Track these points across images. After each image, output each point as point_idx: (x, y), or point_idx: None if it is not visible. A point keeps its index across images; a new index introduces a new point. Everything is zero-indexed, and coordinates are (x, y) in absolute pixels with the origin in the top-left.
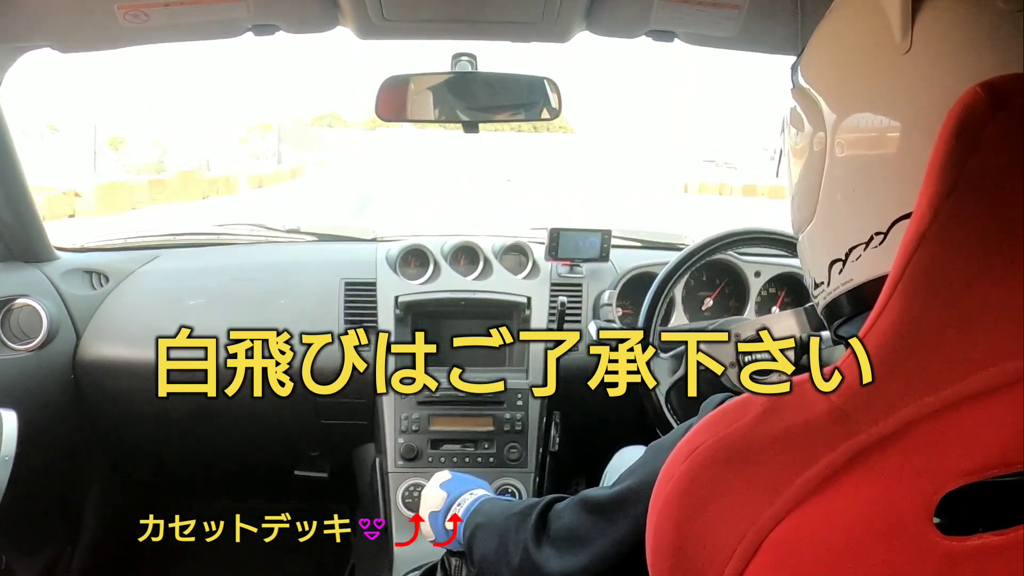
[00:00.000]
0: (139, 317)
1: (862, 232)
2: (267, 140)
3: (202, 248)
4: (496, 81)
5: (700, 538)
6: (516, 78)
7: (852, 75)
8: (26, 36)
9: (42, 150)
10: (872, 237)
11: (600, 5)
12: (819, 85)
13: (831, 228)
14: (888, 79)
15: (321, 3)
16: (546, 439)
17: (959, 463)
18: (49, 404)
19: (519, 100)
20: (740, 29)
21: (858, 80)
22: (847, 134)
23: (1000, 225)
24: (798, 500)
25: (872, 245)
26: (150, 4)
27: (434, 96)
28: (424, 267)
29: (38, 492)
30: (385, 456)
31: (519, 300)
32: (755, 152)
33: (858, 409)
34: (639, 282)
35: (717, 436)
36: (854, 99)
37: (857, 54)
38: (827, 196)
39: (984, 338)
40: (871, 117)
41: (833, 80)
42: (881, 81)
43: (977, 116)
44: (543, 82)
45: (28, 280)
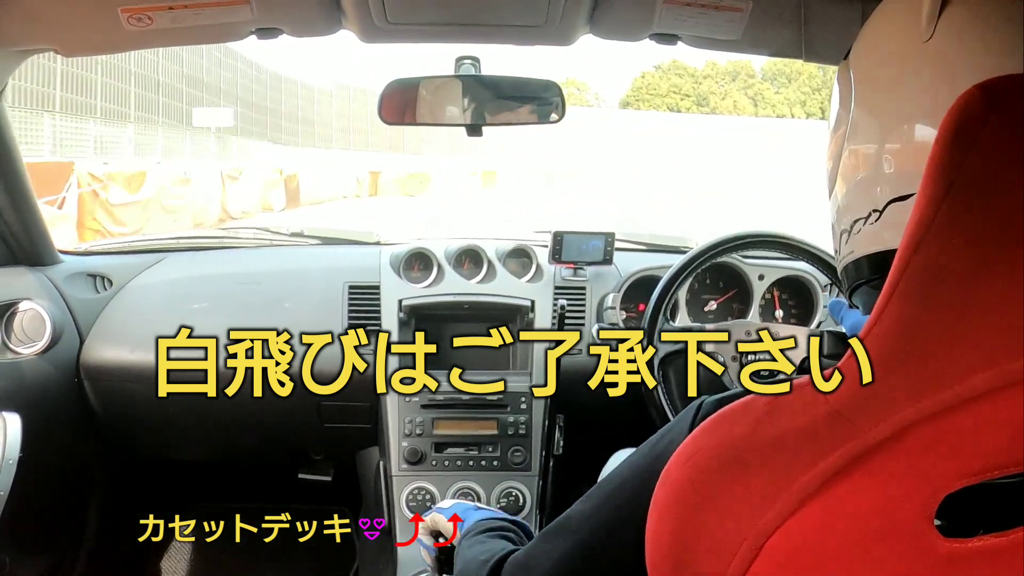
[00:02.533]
0: (143, 321)
1: (863, 208)
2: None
3: (206, 252)
4: (499, 84)
5: (700, 542)
6: (519, 81)
7: (880, 58)
8: (30, 39)
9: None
10: (870, 213)
11: (603, 8)
12: (855, 66)
13: (843, 198)
14: (910, 66)
15: (324, 6)
16: (549, 442)
17: (960, 465)
18: (53, 408)
19: (522, 103)
20: (744, 32)
21: (884, 65)
22: (865, 114)
23: (998, 226)
24: (798, 503)
25: (869, 221)
26: (153, 7)
27: (438, 99)
28: (428, 270)
29: (41, 495)
30: (389, 459)
31: (523, 303)
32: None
33: (858, 411)
34: (643, 285)
35: (718, 440)
36: (877, 82)
37: (888, 39)
38: (843, 168)
39: (984, 339)
40: (888, 100)
41: (866, 63)
42: (903, 68)
43: (973, 117)
44: (546, 85)
45: (32, 284)
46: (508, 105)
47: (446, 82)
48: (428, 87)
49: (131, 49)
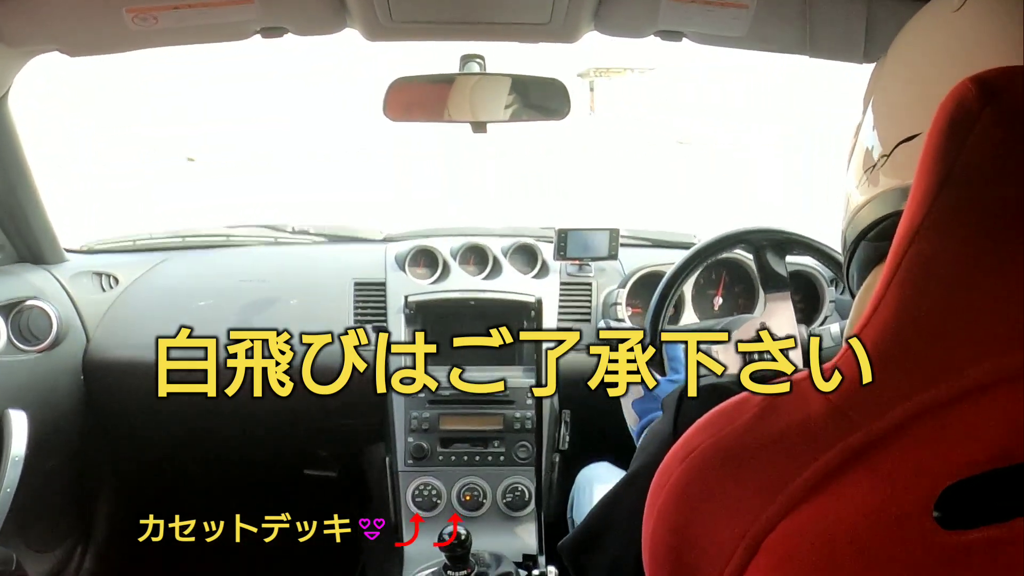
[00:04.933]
0: (148, 319)
1: (872, 156)
2: None
3: (212, 250)
4: (504, 82)
5: (698, 541)
6: (525, 79)
7: (911, 31)
8: (35, 40)
9: None
10: (879, 159)
11: (608, 6)
12: (895, 43)
13: (857, 158)
14: (933, 34)
15: (329, 5)
16: (555, 437)
17: (959, 458)
18: (59, 406)
19: (527, 100)
20: (749, 28)
21: (914, 34)
22: (885, 80)
23: (994, 218)
24: (797, 500)
25: (877, 166)
26: (159, 7)
27: (442, 97)
28: (433, 267)
29: (48, 492)
30: (395, 455)
31: (528, 300)
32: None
33: (856, 406)
34: (649, 281)
35: (714, 437)
36: (903, 50)
37: (926, 12)
38: (861, 132)
39: (981, 332)
40: (908, 66)
41: (899, 38)
42: (927, 36)
43: (968, 110)
44: (551, 83)
45: (37, 282)
46: (513, 102)
47: (451, 80)
48: (433, 85)
49: (136, 49)
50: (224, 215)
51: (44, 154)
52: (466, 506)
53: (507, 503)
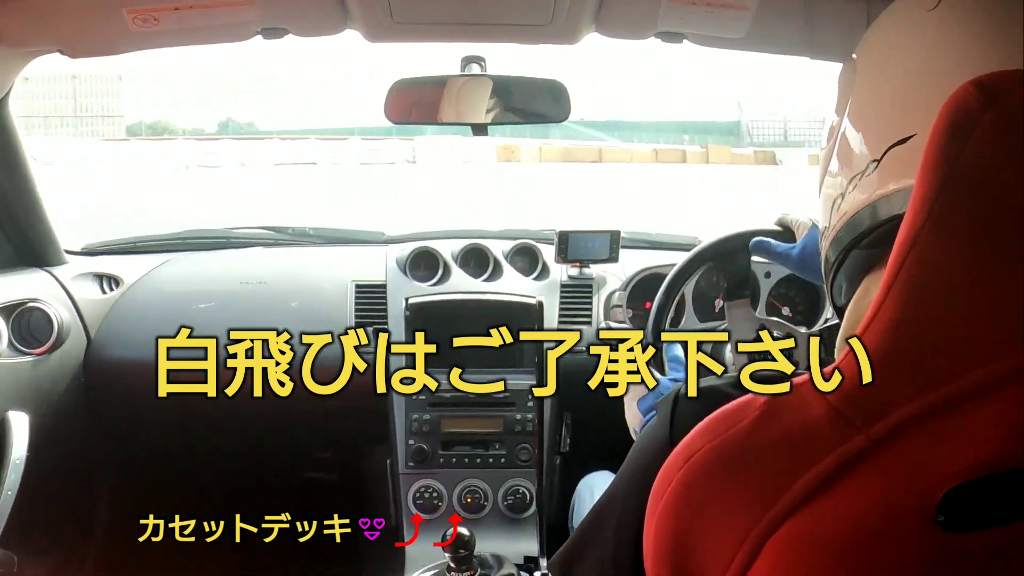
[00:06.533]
0: (149, 321)
1: (860, 163)
2: None
3: (212, 251)
4: (505, 83)
5: (700, 544)
6: (525, 81)
7: (884, 31)
8: (35, 40)
9: None
10: (867, 165)
11: (608, 7)
12: (861, 46)
13: (840, 160)
14: (914, 34)
15: (330, 6)
16: (555, 440)
17: (960, 461)
18: (60, 407)
19: (528, 103)
20: (749, 30)
21: (886, 33)
22: (865, 82)
23: (994, 221)
24: (798, 502)
25: (866, 173)
26: (159, 8)
27: (443, 98)
28: (434, 269)
29: (49, 494)
30: (396, 458)
31: (529, 302)
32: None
33: (856, 409)
34: (649, 283)
35: (716, 441)
36: (882, 50)
37: (895, 12)
38: (840, 138)
39: (981, 335)
40: (890, 67)
41: (871, 38)
42: (908, 35)
43: (968, 113)
44: (552, 85)
45: (38, 284)
46: (514, 103)
47: (452, 81)
48: (434, 86)
49: (136, 50)
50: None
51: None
52: (467, 508)
53: (508, 505)
